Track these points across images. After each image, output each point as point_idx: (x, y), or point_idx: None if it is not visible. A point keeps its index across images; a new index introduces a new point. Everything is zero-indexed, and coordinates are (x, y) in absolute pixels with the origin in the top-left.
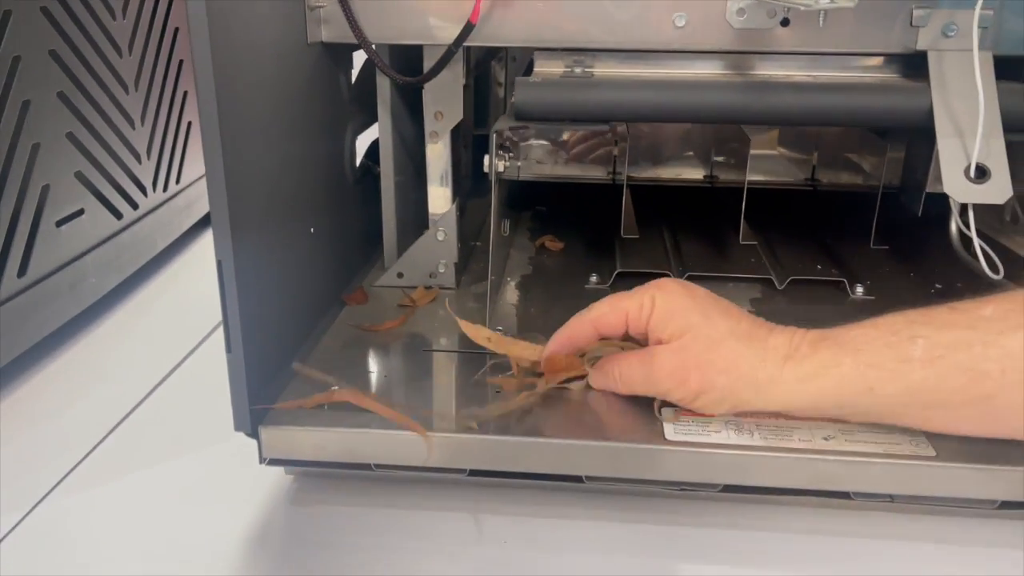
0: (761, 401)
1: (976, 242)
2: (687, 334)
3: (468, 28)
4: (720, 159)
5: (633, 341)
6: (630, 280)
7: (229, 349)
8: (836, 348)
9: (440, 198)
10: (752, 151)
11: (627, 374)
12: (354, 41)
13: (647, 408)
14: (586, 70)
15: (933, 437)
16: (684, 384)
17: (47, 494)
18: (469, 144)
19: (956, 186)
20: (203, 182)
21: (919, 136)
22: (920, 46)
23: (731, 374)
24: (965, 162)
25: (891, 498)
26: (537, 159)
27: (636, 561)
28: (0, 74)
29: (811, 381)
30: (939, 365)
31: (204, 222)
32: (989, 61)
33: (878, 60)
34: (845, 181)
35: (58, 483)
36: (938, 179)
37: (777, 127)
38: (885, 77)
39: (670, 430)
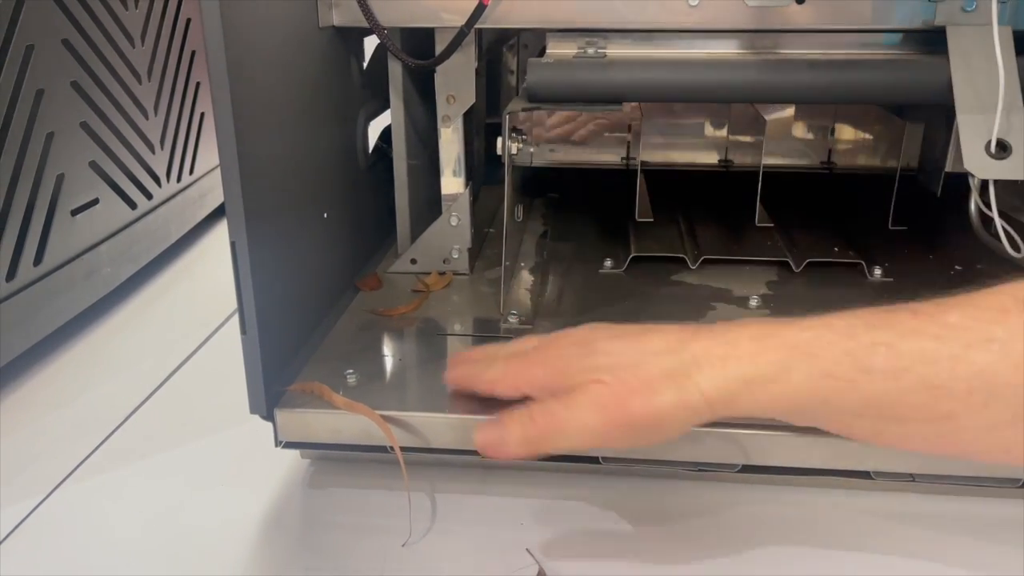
0: (710, 409)
1: (997, 221)
2: (604, 371)
3: (480, 9)
4: (735, 143)
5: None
6: (645, 264)
7: (244, 331)
8: (787, 351)
9: (453, 183)
10: (767, 134)
11: (549, 415)
12: (366, 25)
13: None
14: (599, 51)
15: None
16: (625, 412)
17: (64, 479)
18: (481, 132)
19: (976, 162)
20: (216, 173)
21: (937, 115)
22: (939, 21)
23: (675, 386)
24: (985, 138)
25: (912, 477)
26: (549, 145)
27: (654, 542)
28: (14, 63)
29: (764, 385)
30: (902, 378)
31: (218, 213)
32: (1009, 36)
33: (896, 36)
34: (862, 163)
35: (75, 468)
36: (958, 158)
37: (793, 106)
38: (903, 53)
39: None
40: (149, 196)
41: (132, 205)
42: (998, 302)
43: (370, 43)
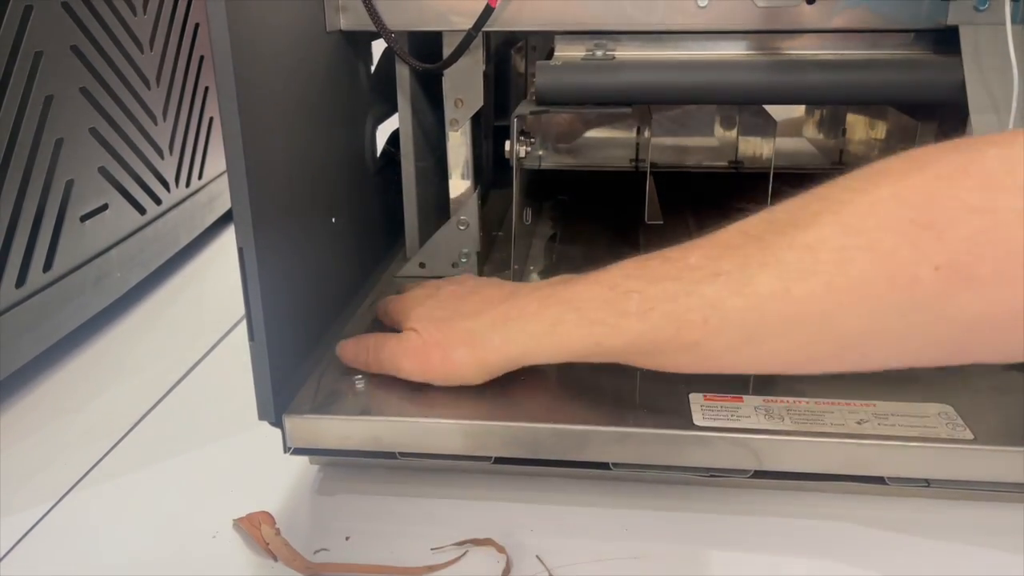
0: (502, 361)
1: None
2: (423, 321)
3: (487, 12)
4: (745, 144)
5: None
6: None
7: (252, 337)
8: (561, 306)
9: (461, 186)
10: (778, 136)
11: (378, 348)
12: (373, 29)
13: (675, 393)
14: (607, 53)
15: (971, 420)
16: (427, 361)
17: (74, 485)
18: (489, 135)
19: None
20: (225, 177)
21: (950, 115)
22: (951, 21)
23: (469, 344)
24: None
25: (927, 483)
26: (558, 148)
27: (665, 548)
28: (23, 69)
29: (543, 338)
30: (651, 317)
31: (226, 218)
32: (1022, 35)
33: (907, 36)
34: None
35: (85, 474)
36: None
37: (803, 106)
38: (915, 54)
39: (698, 416)
40: (158, 201)
41: (141, 210)
42: (728, 238)
43: (378, 47)
